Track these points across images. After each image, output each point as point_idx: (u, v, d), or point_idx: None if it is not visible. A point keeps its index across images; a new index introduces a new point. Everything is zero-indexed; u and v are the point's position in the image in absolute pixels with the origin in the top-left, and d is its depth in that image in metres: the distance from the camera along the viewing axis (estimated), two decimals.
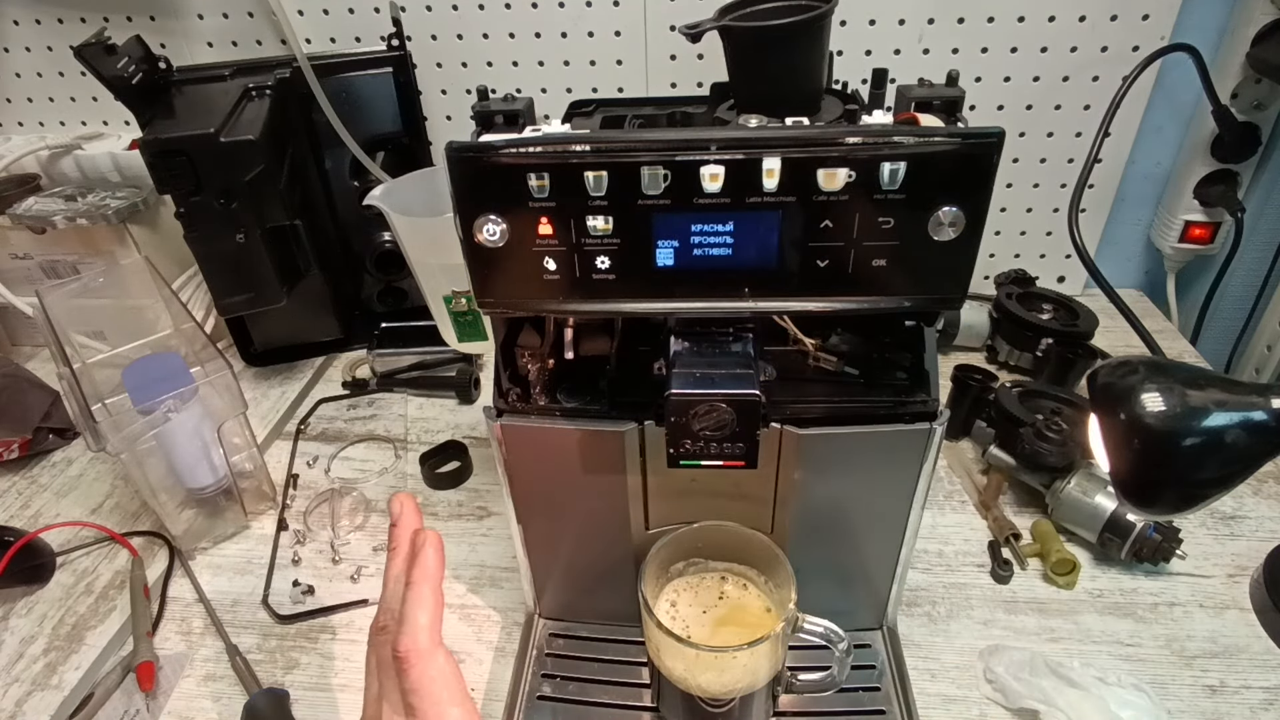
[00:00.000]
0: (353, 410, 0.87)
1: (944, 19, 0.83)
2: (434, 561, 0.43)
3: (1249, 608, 0.59)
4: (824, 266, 0.38)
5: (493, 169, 0.37)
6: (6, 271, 0.90)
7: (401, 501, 0.46)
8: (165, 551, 0.69)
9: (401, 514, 0.45)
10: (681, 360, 0.41)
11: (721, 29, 0.44)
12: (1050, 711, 0.51)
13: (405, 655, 0.39)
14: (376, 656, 0.42)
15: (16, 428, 0.79)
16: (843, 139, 0.35)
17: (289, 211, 0.81)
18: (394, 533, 0.45)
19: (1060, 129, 0.88)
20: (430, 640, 0.40)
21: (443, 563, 0.43)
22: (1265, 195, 0.90)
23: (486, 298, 0.41)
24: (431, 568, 0.42)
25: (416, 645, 0.39)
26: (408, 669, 0.39)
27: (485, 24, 0.88)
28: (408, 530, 0.45)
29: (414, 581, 0.42)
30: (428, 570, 0.42)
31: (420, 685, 0.39)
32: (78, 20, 0.91)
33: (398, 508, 0.45)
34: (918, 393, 0.46)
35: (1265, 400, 0.37)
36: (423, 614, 0.40)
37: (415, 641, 0.39)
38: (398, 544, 0.44)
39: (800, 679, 0.50)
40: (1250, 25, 0.79)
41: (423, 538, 0.44)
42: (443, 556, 0.44)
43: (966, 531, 0.68)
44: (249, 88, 0.80)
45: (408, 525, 0.45)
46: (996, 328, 0.87)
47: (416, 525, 0.45)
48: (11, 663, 0.60)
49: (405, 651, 0.39)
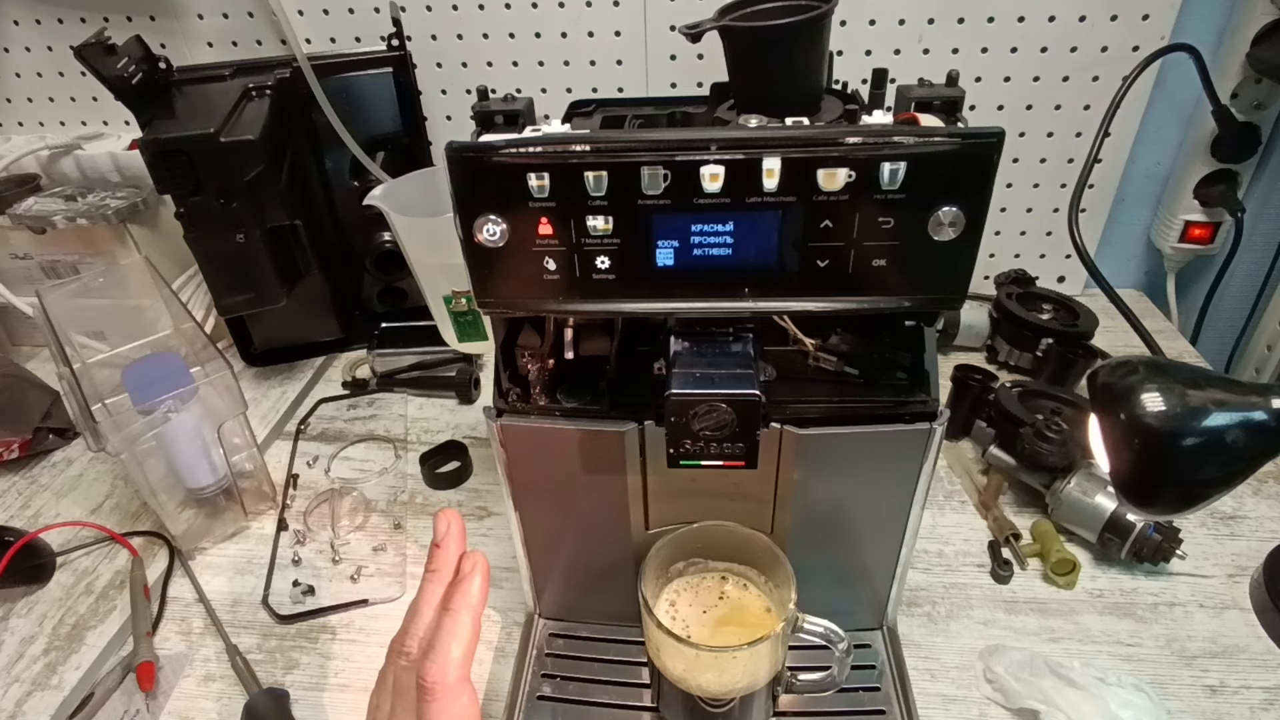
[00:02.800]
0: (353, 410, 0.87)
1: (944, 19, 0.83)
2: (479, 590, 0.40)
3: (1249, 608, 0.59)
4: (824, 266, 0.38)
5: (493, 169, 0.37)
6: (6, 271, 0.90)
7: (449, 520, 0.42)
8: (165, 551, 0.69)
9: (447, 534, 0.42)
10: (681, 360, 0.41)
11: (721, 29, 0.44)
12: (1050, 712, 0.51)
13: (431, 687, 0.37)
14: (394, 677, 0.40)
15: (16, 428, 0.79)
16: (843, 139, 0.35)
17: (289, 211, 0.81)
18: (435, 553, 0.42)
19: (1060, 129, 0.88)
20: (459, 675, 0.38)
21: (487, 592, 0.41)
22: (1265, 195, 0.90)
23: (486, 298, 0.41)
24: (475, 596, 0.40)
25: (445, 679, 0.37)
26: (430, 701, 0.37)
27: (485, 24, 0.88)
28: (451, 553, 0.42)
29: (453, 609, 0.39)
30: (470, 599, 0.39)
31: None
32: (78, 20, 0.91)
33: (444, 526, 0.42)
34: (918, 393, 0.46)
35: (1265, 400, 0.37)
36: (457, 646, 0.38)
37: (444, 674, 0.37)
38: (438, 567, 0.41)
39: (800, 679, 0.50)
40: (1250, 25, 0.79)
41: (470, 563, 0.41)
42: (488, 585, 0.41)
43: (966, 531, 0.68)
44: (249, 88, 0.80)
45: (452, 548, 0.42)
46: (996, 328, 0.87)
47: (462, 548, 0.42)
48: (11, 663, 0.60)
49: (432, 683, 0.37)
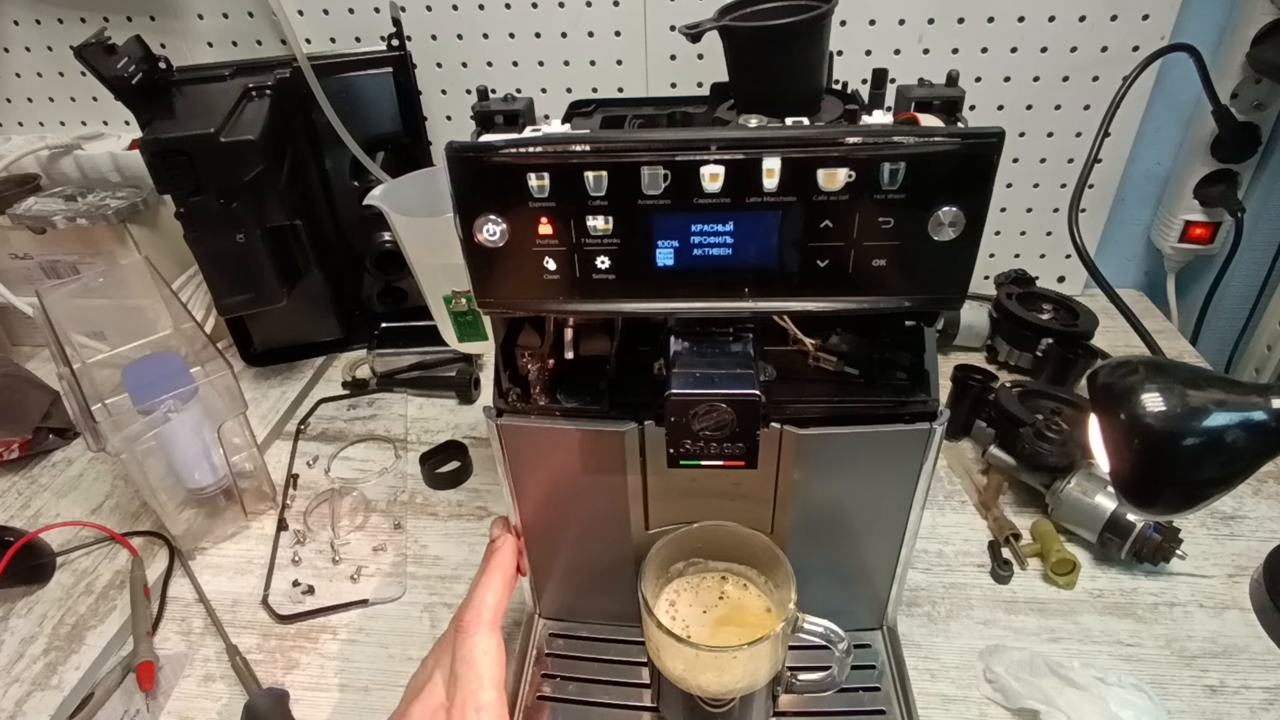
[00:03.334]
0: (353, 410, 0.87)
1: (944, 19, 0.83)
2: (509, 556, 0.49)
3: (1249, 608, 0.59)
4: (824, 266, 0.38)
5: (493, 169, 0.37)
6: (6, 271, 0.90)
7: (502, 527, 0.51)
8: (165, 551, 0.69)
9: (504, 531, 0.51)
10: (681, 360, 0.41)
11: (721, 29, 0.44)
12: (1050, 712, 0.51)
13: (466, 625, 0.44)
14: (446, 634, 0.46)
15: (16, 428, 0.79)
16: (843, 139, 0.35)
17: (289, 211, 0.81)
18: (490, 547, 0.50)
19: (1060, 129, 0.88)
20: (491, 618, 0.44)
21: (516, 558, 0.50)
22: (1265, 195, 0.90)
23: (486, 298, 0.41)
24: (506, 560, 0.48)
25: (479, 618, 0.44)
26: (464, 638, 0.43)
27: (485, 24, 0.88)
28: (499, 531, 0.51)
29: (488, 569, 0.47)
30: (502, 560, 0.48)
31: (471, 655, 0.42)
32: (78, 20, 0.91)
33: (497, 533, 0.51)
34: (918, 393, 0.46)
35: (1265, 400, 0.37)
36: (490, 595, 0.45)
37: (478, 615, 0.44)
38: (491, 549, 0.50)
39: (800, 679, 0.50)
40: (1250, 25, 0.79)
41: (500, 536, 0.50)
42: (516, 556, 0.50)
43: (966, 531, 0.68)
44: (249, 88, 0.80)
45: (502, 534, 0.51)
46: (996, 328, 0.87)
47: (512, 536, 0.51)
48: (11, 663, 0.60)
49: (466, 622, 0.44)
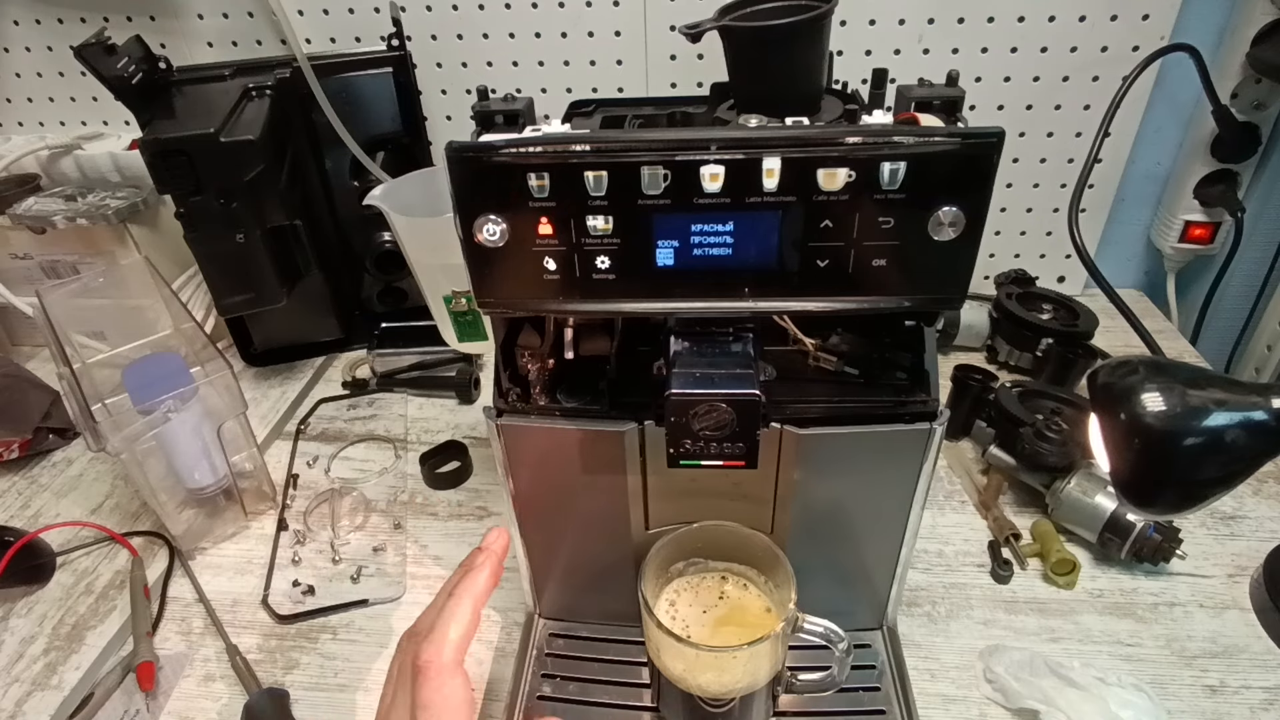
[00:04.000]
0: (353, 410, 0.87)
1: (944, 19, 0.83)
2: (484, 582, 0.43)
3: (1249, 608, 0.59)
4: (824, 266, 0.38)
5: (493, 169, 0.37)
6: (6, 271, 0.90)
7: (497, 535, 0.46)
8: (165, 551, 0.69)
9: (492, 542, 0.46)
10: (681, 360, 0.41)
11: (721, 29, 0.44)
12: (1050, 712, 0.51)
13: (425, 666, 0.38)
14: (399, 663, 0.42)
15: (16, 428, 0.79)
16: (843, 139, 0.35)
17: (289, 211, 0.81)
18: (472, 554, 0.45)
19: (1060, 129, 0.88)
20: (454, 657, 0.39)
21: (492, 588, 0.43)
22: (1265, 195, 0.90)
23: (486, 298, 0.41)
24: (479, 586, 0.42)
25: (439, 658, 0.39)
26: (424, 680, 0.38)
27: (485, 24, 0.87)
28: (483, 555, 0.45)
29: (456, 594, 0.42)
30: (474, 586, 0.42)
31: (431, 701, 0.38)
32: (78, 20, 0.91)
33: (492, 537, 0.46)
34: (918, 393, 0.46)
35: (1265, 400, 0.36)
36: (455, 628, 0.40)
37: (439, 654, 0.39)
38: (469, 565, 0.44)
39: (800, 679, 0.50)
40: (1250, 25, 0.79)
41: (483, 558, 0.44)
42: (495, 582, 0.44)
43: (966, 531, 0.68)
44: (249, 88, 0.80)
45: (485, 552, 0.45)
46: (996, 328, 0.87)
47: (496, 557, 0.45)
48: (11, 663, 0.60)
49: (425, 662, 0.39)
